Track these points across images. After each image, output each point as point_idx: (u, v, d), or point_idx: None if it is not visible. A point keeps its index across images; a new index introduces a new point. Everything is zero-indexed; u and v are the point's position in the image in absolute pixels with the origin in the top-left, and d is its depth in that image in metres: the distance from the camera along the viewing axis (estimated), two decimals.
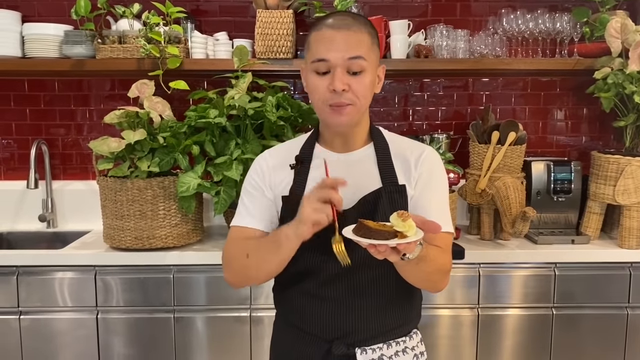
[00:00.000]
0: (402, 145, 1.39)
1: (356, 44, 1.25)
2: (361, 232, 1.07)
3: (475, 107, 2.68)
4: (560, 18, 2.38)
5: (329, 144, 1.38)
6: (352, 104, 1.26)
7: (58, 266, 2.11)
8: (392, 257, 1.07)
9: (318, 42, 1.27)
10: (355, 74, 1.25)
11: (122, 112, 2.12)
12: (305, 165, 1.36)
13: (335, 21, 1.27)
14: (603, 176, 2.23)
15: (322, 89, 1.26)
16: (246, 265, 1.30)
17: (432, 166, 1.36)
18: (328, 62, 1.24)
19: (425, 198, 1.33)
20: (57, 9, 2.55)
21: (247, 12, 2.58)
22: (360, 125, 1.36)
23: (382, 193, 1.30)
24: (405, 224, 1.06)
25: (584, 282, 2.15)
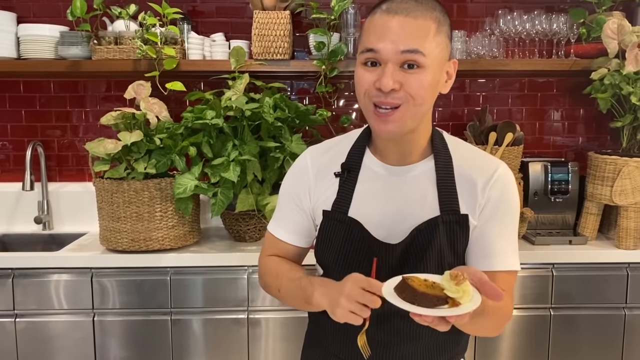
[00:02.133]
0: (469, 160, 1.16)
1: (414, 33, 1.02)
2: (404, 295, 0.91)
3: (472, 108, 2.68)
4: (557, 19, 2.39)
5: (382, 154, 1.18)
6: (403, 103, 1.04)
7: (54, 268, 2.10)
8: (440, 327, 0.91)
9: (369, 30, 1.06)
10: (412, 68, 1.03)
11: (119, 114, 2.11)
12: (352, 175, 1.18)
13: (393, 4, 1.05)
14: (600, 177, 2.24)
15: (367, 83, 1.06)
16: (277, 296, 1.25)
17: (503, 191, 1.13)
18: (377, 53, 1.04)
19: (492, 231, 1.13)
20: (53, 10, 2.54)
21: (243, 13, 2.57)
22: (419, 132, 1.13)
23: (439, 223, 1.10)
24: (460, 288, 0.89)
25: (581, 283, 2.15)
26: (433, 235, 1.10)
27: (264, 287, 1.32)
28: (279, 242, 1.28)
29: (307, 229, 1.26)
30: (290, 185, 1.27)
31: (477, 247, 1.13)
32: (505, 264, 1.13)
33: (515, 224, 1.17)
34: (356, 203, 1.15)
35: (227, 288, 2.11)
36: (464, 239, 1.12)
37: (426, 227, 1.11)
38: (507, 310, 1.12)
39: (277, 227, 1.29)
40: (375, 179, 1.17)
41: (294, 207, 1.25)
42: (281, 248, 1.29)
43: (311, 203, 1.23)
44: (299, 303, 1.16)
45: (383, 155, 1.18)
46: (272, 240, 1.30)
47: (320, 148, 1.27)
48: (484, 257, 1.13)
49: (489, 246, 1.12)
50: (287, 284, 1.19)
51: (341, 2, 2.25)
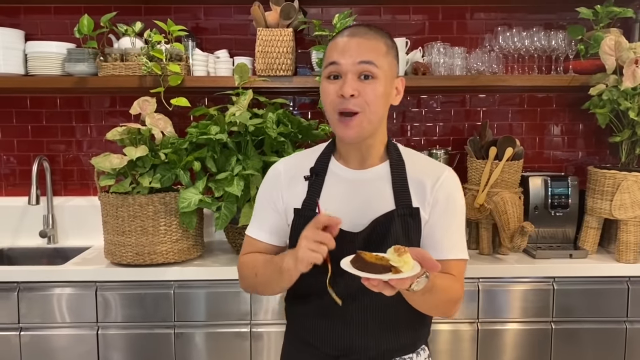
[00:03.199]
0: (419, 166, 1.35)
1: (368, 49, 1.24)
2: (357, 265, 1.07)
3: (472, 123, 2.71)
4: (556, 36, 2.43)
5: (344, 159, 1.36)
6: (361, 111, 1.23)
7: (59, 282, 2.12)
8: (386, 290, 1.06)
9: (332, 49, 1.27)
10: (367, 79, 1.23)
11: (124, 129, 2.14)
12: (319, 178, 1.34)
13: (351, 30, 1.29)
14: (600, 191, 2.26)
15: (332, 94, 1.25)
16: (255, 284, 1.37)
17: (449, 191, 1.32)
18: (339, 65, 1.24)
19: (441, 225, 1.30)
20: (60, 28, 2.59)
21: (247, 30, 2.62)
22: (375, 139, 1.32)
23: (395, 216, 1.27)
24: (401, 259, 1.05)
25: (582, 297, 2.17)
26: (390, 225, 1.27)
27: (244, 284, 1.43)
28: (256, 242, 1.42)
29: (281, 228, 1.39)
30: (265, 190, 1.43)
31: (430, 240, 1.30)
32: (455, 253, 1.31)
33: (461, 220, 1.35)
34: (323, 200, 1.31)
35: (230, 302, 2.12)
36: (417, 229, 1.30)
37: (384, 218, 1.28)
38: (455, 293, 1.29)
39: (254, 229, 1.43)
40: (339, 181, 1.34)
41: (269, 209, 1.39)
42: (259, 248, 1.42)
43: (284, 204, 1.37)
44: (273, 277, 1.28)
45: (346, 160, 1.36)
46: (250, 242, 1.43)
47: (291, 158, 1.47)
48: (437, 248, 1.29)
49: (440, 239, 1.30)
50: (262, 266, 1.33)
51: (343, 20, 2.29)
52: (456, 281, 1.29)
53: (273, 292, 1.37)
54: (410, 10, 2.66)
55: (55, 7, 2.60)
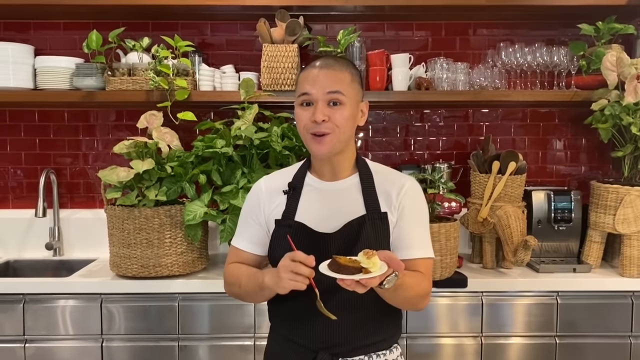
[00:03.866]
0: (385, 177, 1.52)
1: (335, 80, 1.41)
2: (333, 267, 1.22)
3: (475, 137, 2.73)
4: (558, 51, 2.45)
5: (319, 173, 1.52)
6: (331, 132, 1.40)
7: (64, 294, 2.13)
8: (358, 289, 1.19)
9: (304, 80, 1.44)
10: (335, 105, 1.41)
11: (131, 142, 2.17)
12: (297, 191, 1.50)
13: (320, 62, 1.46)
14: (603, 205, 2.27)
15: (305, 119, 1.42)
16: (239, 294, 1.53)
17: (413, 198, 1.49)
18: (310, 95, 1.41)
19: (408, 229, 1.46)
20: (69, 43, 2.63)
21: (253, 46, 2.66)
22: (345, 155, 1.49)
23: (366, 219, 1.43)
24: (370, 261, 1.19)
25: (586, 311, 2.17)
26: (361, 228, 1.42)
27: (228, 290, 1.56)
28: (240, 252, 1.55)
29: (263, 239, 1.53)
30: (248, 205, 1.58)
31: (399, 242, 1.45)
32: (422, 252, 1.46)
33: (426, 222, 1.51)
34: (301, 211, 1.47)
35: (234, 315, 2.13)
36: (385, 231, 1.44)
37: (356, 222, 1.43)
38: (424, 288, 1.42)
39: (238, 239, 1.57)
40: (315, 192, 1.50)
41: (251, 222, 1.54)
42: (242, 257, 1.55)
43: (265, 217, 1.52)
44: (255, 291, 1.42)
45: (320, 174, 1.52)
46: (235, 252, 1.56)
47: (271, 175, 1.62)
48: (406, 249, 1.44)
49: (407, 240, 1.45)
50: (245, 280, 1.47)
51: (347, 36, 2.33)
52: (424, 278, 1.43)
53: (255, 302, 1.51)
54: (414, 27, 2.69)
55: (64, 23, 2.65)
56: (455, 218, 2.32)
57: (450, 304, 2.16)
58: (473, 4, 2.40)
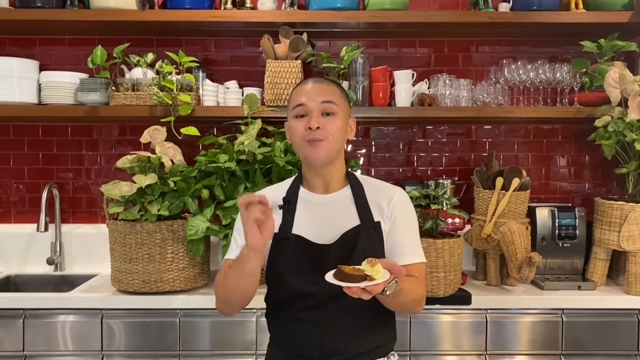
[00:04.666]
0: (375, 188, 1.59)
1: (328, 91, 1.50)
2: (338, 277, 1.27)
3: (478, 153, 2.73)
4: (560, 68, 2.46)
5: (312, 187, 1.57)
6: (325, 139, 1.46)
7: (65, 309, 2.12)
8: (364, 295, 1.24)
9: (298, 94, 1.52)
10: (329, 115, 1.48)
11: (135, 157, 2.17)
12: (292, 205, 1.55)
13: (311, 80, 1.55)
14: (607, 222, 2.25)
15: (300, 128, 1.48)
16: (224, 289, 1.48)
17: (403, 207, 1.56)
18: (305, 106, 1.48)
19: (400, 236, 1.53)
20: (74, 58, 2.65)
21: (256, 62, 2.67)
22: (336, 166, 1.55)
23: (361, 229, 1.49)
24: (374, 269, 1.25)
25: (592, 329, 2.14)
26: (357, 238, 1.47)
27: (218, 301, 1.52)
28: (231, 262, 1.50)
29: None
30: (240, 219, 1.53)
31: (393, 250, 1.51)
32: (415, 258, 1.52)
33: (416, 230, 1.58)
34: (297, 224, 1.51)
35: (236, 331, 2.11)
36: (380, 239, 1.50)
37: (351, 232, 1.48)
38: (420, 292, 1.49)
39: (230, 252, 1.55)
40: (309, 205, 1.55)
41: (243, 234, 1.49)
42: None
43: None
44: (237, 274, 1.40)
45: (312, 188, 1.57)
46: (226, 263, 1.53)
47: (266, 190, 1.64)
48: (400, 255, 1.49)
49: (401, 248, 1.51)
50: (228, 270, 1.46)
51: (350, 53, 2.34)
52: (419, 282, 1.51)
53: (241, 294, 1.45)
54: (417, 44, 2.71)
55: (69, 39, 2.67)
56: (459, 234, 2.30)
57: (454, 321, 2.13)
58: (475, 21, 2.41)
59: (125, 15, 2.37)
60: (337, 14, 2.36)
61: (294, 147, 1.56)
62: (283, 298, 1.50)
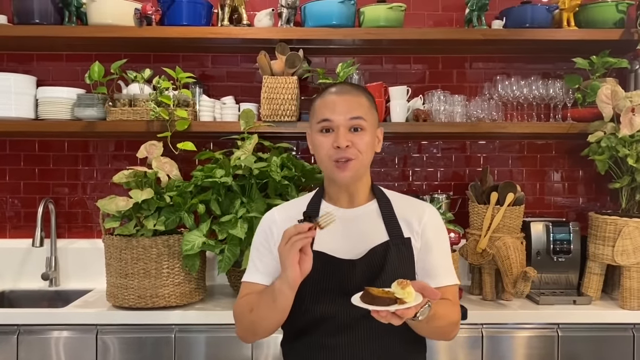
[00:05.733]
0: (404, 203, 1.50)
1: (356, 106, 1.41)
2: (366, 299, 1.18)
3: (473, 168, 2.75)
4: (553, 84, 2.49)
5: (335, 200, 1.48)
6: (355, 158, 1.38)
7: (59, 325, 2.11)
8: (394, 320, 1.16)
9: (323, 107, 1.43)
10: (357, 131, 1.40)
11: (131, 172, 2.18)
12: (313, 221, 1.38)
13: (337, 89, 1.45)
14: (601, 237, 2.27)
15: (327, 145, 1.40)
16: (251, 321, 1.39)
17: (434, 226, 1.47)
18: (332, 122, 1.39)
19: (432, 258, 1.44)
20: (71, 74, 2.66)
21: (253, 77, 2.69)
22: (363, 181, 1.47)
23: (390, 245, 1.40)
24: (405, 291, 1.16)
25: (587, 344, 2.14)
26: (387, 254, 1.38)
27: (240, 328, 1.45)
28: (252, 285, 1.45)
29: (277, 271, 1.39)
30: (260, 236, 1.50)
31: (425, 272, 1.43)
32: (447, 280, 1.44)
33: (448, 250, 1.49)
34: (319, 240, 1.37)
35: (232, 347, 2.10)
36: (410, 257, 1.42)
37: (380, 248, 1.39)
38: (455, 316, 1.41)
39: (250, 274, 1.48)
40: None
41: (265, 252, 1.46)
42: (254, 290, 1.44)
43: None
44: (269, 307, 1.33)
45: (336, 201, 1.48)
46: (246, 287, 1.47)
47: (283, 205, 1.58)
48: (433, 277, 1.41)
49: (434, 269, 1.43)
50: (255, 300, 1.39)
51: (346, 69, 2.36)
52: (453, 305, 1.43)
53: (269, 325, 1.38)
54: (411, 60, 2.74)
55: (67, 55, 2.69)
56: (454, 249, 2.31)
57: None
58: (469, 38, 2.44)
59: (123, 32, 2.39)
60: (332, 31, 2.39)
61: (317, 162, 1.48)
62: (304, 323, 1.39)
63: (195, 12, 2.44)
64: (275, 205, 2.13)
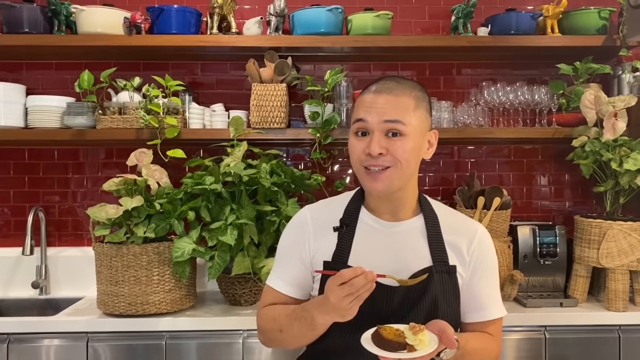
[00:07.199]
0: (453, 224, 1.34)
1: (395, 107, 1.22)
2: (375, 340, 1.10)
3: (461, 173, 2.78)
4: (538, 90, 2.53)
5: (375, 210, 1.33)
6: (391, 165, 1.22)
7: (50, 333, 2.10)
8: None
9: (360, 105, 1.27)
10: (395, 136, 1.22)
11: (121, 180, 2.18)
12: (350, 228, 1.30)
13: (378, 86, 1.27)
14: (587, 240, 2.30)
15: (359, 150, 1.24)
16: (281, 339, 1.30)
17: (485, 252, 1.32)
18: (366, 123, 1.23)
19: (480, 288, 1.31)
20: (61, 83, 2.67)
21: (242, 85, 2.71)
22: (407, 192, 1.30)
23: (433, 272, 1.24)
24: (416, 337, 1.07)
25: (574, 346, 2.17)
26: (428, 282, 1.23)
27: (265, 338, 1.36)
28: (277, 294, 1.36)
29: (305, 280, 1.34)
30: (290, 238, 1.38)
31: (469, 302, 1.29)
32: (494, 313, 1.31)
33: (497, 278, 1.35)
34: (355, 253, 1.27)
35: (222, 353, 2.11)
36: (454, 287, 1.27)
37: (421, 274, 1.22)
38: (491, 354, 1.28)
39: (276, 279, 1.37)
40: (371, 232, 1.30)
41: (293, 258, 1.34)
42: (279, 300, 1.36)
43: (310, 254, 1.33)
44: (304, 334, 1.22)
45: (376, 212, 1.32)
46: (271, 293, 1.37)
47: (317, 206, 1.43)
48: (477, 311, 1.30)
49: (479, 301, 1.30)
50: (286, 322, 1.26)
51: (334, 76, 2.39)
52: (493, 341, 1.29)
53: (300, 345, 1.31)
54: (399, 67, 2.77)
55: (56, 63, 2.70)
56: None
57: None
58: (455, 45, 2.48)
59: (112, 41, 2.41)
60: (320, 38, 2.42)
61: (352, 166, 1.30)
62: (328, 349, 1.26)
63: (184, 20, 2.46)
64: (265, 211, 2.18)
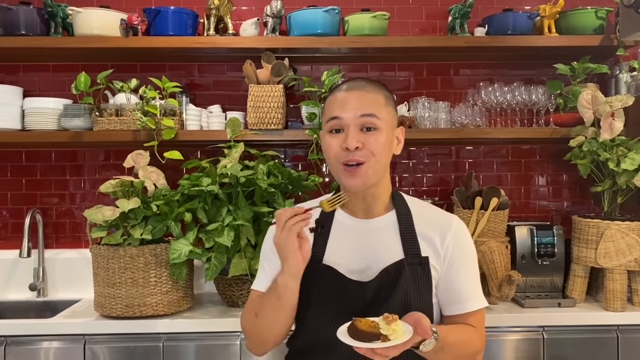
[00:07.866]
0: (427, 217, 1.36)
1: (368, 102, 1.27)
2: (351, 332, 1.12)
3: (459, 174, 2.78)
4: (536, 90, 2.53)
5: (350, 209, 1.37)
6: (366, 161, 1.25)
7: (47, 335, 2.10)
8: (375, 357, 1.08)
9: (332, 104, 1.31)
10: (370, 131, 1.26)
11: (118, 182, 2.18)
12: (325, 229, 1.35)
13: (348, 84, 1.32)
14: (585, 240, 2.30)
15: (335, 147, 1.27)
16: (258, 327, 1.32)
17: (461, 243, 1.34)
18: (341, 120, 1.27)
19: (458, 280, 1.32)
20: (58, 85, 2.67)
21: (239, 86, 2.71)
22: (380, 188, 1.34)
23: (405, 265, 1.27)
24: (389, 327, 1.08)
25: (573, 346, 2.16)
26: (400, 275, 1.27)
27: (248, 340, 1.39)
28: (258, 293, 1.39)
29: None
30: (269, 243, 1.37)
31: (447, 295, 1.31)
32: (474, 305, 1.33)
33: (476, 268, 1.37)
34: (329, 252, 1.32)
35: (220, 354, 2.10)
36: (427, 278, 1.29)
37: (394, 268, 1.28)
38: (474, 346, 1.29)
39: (259, 282, 1.41)
40: (346, 231, 1.35)
41: (274, 259, 1.35)
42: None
43: None
44: (274, 310, 1.26)
45: (352, 210, 1.36)
46: (255, 295, 1.40)
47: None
48: (457, 303, 1.31)
49: (458, 293, 1.31)
50: (259, 303, 1.32)
51: (331, 77, 2.39)
52: (475, 332, 1.30)
53: (277, 329, 1.30)
54: (396, 68, 2.77)
55: (53, 65, 2.70)
56: None
57: None
58: (452, 45, 2.48)
59: (109, 42, 2.41)
60: (317, 39, 2.42)
61: (328, 165, 1.34)
62: (308, 346, 1.30)
63: (181, 22, 2.47)
64: (262, 212, 2.17)
